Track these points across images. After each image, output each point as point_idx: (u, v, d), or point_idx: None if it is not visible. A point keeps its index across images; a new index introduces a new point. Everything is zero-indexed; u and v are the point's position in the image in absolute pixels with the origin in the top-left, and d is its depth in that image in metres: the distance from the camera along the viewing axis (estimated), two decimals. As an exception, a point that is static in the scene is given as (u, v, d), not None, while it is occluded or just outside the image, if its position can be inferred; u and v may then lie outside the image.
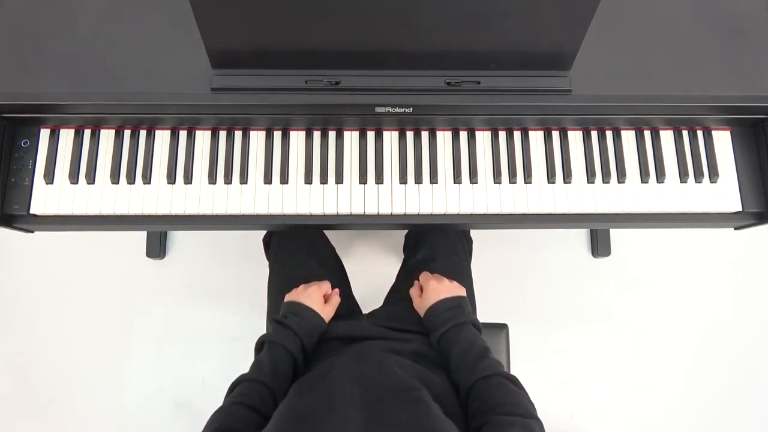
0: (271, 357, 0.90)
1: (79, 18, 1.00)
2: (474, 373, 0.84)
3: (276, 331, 0.95)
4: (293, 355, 0.92)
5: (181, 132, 1.04)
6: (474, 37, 0.91)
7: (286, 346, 0.91)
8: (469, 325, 0.94)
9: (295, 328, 0.94)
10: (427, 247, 1.20)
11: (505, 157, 1.04)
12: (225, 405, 0.82)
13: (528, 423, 0.74)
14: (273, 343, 0.92)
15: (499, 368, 0.85)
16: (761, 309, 1.83)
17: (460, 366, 0.88)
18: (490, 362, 0.86)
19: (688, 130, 1.06)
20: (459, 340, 0.91)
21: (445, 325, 0.94)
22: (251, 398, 0.82)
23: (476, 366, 0.85)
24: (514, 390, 0.81)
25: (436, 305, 0.97)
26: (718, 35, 1.02)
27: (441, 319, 0.95)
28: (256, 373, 0.88)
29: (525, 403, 0.78)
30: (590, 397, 1.76)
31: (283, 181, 1.02)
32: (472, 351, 0.88)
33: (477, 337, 0.92)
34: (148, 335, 1.77)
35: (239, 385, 0.86)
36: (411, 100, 0.96)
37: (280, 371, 0.89)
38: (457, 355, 0.89)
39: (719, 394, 1.77)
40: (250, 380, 0.86)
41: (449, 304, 0.97)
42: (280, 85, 0.95)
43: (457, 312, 0.95)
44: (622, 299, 1.82)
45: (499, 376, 0.83)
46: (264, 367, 0.89)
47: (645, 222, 1.05)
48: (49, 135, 1.02)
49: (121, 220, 1.02)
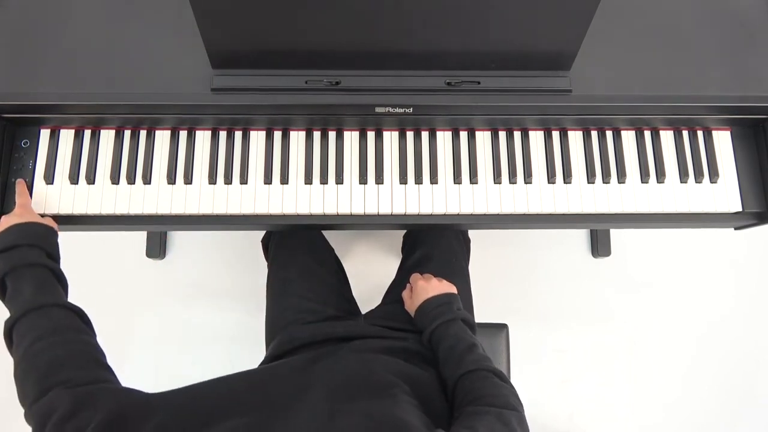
0: (23, 280, 0.78)
1: (79, 18, 1.00)
2: (459, 368, 0.84)
3: (4, 259, 0.81)
4: (46, 264, 0.82)
5: (181, 132, 1.04)
6: (474, 38, 0.91)
7: (28, 263, 0.80)
8: (458, 322, 0.93)
9: (22, 241, 0.83)
10: (425, 247, 1.20)
11: (505, 157, 1.04)
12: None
13: (503, 413, 0.71)
14: (14, 269, 0.79)
15: (484, 363, 0.84)
16: (761, 309, 1.83)
17: (447, 361, 0.87)
18: (475, 357, 0.86)
19: (688, 130, 1.06)
20: (447, 336, 0.91)
21: (434, 322, 0.93)
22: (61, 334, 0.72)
23: (462, 361, 0.85)
24: (498, 383, 0.80)
25: (424, 304, 0.97)
26: (718, 35, 1.02)
27: (430, 317, 0.95)
28: (23, 305, 0.75)
29: (507, 396, 0.77)
30: (590, 397, 1.76)
31: (283, 182, 1.02)
32: (459, 346, 0.88)
33: (465, 333, 0.92)
34: (147, 335, 1.77)
35: (18, 337, 0.73)
36: (411, 100, 0.96)
37: (45, 285, 0.79)
38: (445, 351, 0.89)
39: (719, 395, 1.77)
40: (24, 315, 0.74)
41: (437, 302, 0.97)
42: (280, 85, 0.95)
43: (446, 309, 0.95)
44: (622, 299, 1.82)
45: (483, 370, 0.82)
46: (25, 294, 0.77)
47: (645, 222, 1.05)
48: (49, 135, 1.02)
49: (121, 220, 1.02)
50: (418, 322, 0.98)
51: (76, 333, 0.75)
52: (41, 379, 0.68)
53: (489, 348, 1.23)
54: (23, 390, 0.69)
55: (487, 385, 0.79)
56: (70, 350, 0.72)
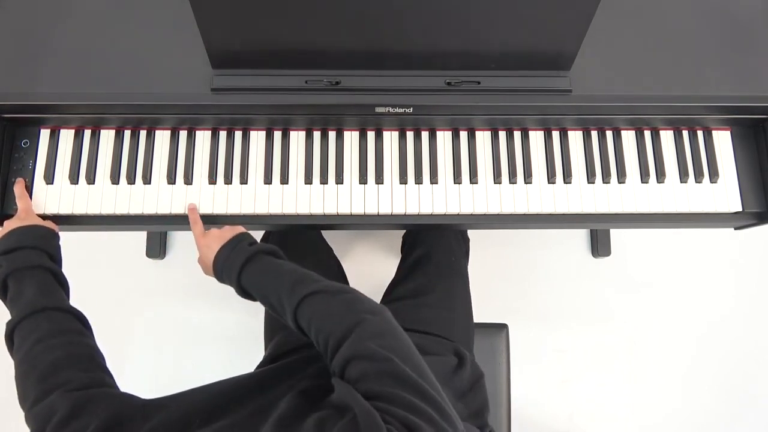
0: (25, 282, 0.78)
1: (79, 18, 1.00)
2: (288, 303, 0.74)
3: (7, 261, 0.81)
4: (48, 266, 0.81)
5: (181, 132, 1.04)
6: (474, 37, 0.91)
7: (30, 264, 0.80)
8: (259, 255, 0.82)
9: (24, 243, 0.82)
10: (424, 246, 1.20)
11: (505, 157, 1.04)
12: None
13: (361, 342, 0.64)
14: (17, 270, 0.79)
15: (315, 285, 0.73)
16: (761, 309, 1.83)
17: (274, 303, 0.76)
18: (297, 278, 0.75)
19: (688, 130, 1.06)
20: (256, 278, 0.79)
21: (233, 271, 0.82)
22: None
23: (282, 294, 0.75)
24: (334, 306, 0.70)
25: (215, 260, 0.86)
26: (718, 35, 1.02)
27: (228, 268, 0.83)
28: (25, 307, 0.75)
29: (353, 311, 0.68)
30: (590, 397, 1.76)
31: (283, 182, 1.02)
32: (272, 280, 0.77)
33: (271, 263, 0.81)
34: (147, 335, 1.77)
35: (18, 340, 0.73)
36: (411, 100, 0.96)
37: (47, 288, 0.78)
38: (262, 291, 0.78)
39: (719, 395, 1.77)
40: (27, 317, 0.74)
41: (227, 251, 0.85)
42: (280, 85, 0.95)
43: (238, 252, 0.83)
44: (622, 299, 1.82)
45: (313, 294, 0.72)
46: (27, 295, 0.76)
47: (645, 222, 1.05)
48: (49, 135, 1.02)
49: (121, 220, 1.02)
50: (218, 277, 0.87)
51: (76, 335, 0.76)
52: (41, 381, 0.68)
53: (489, 348, 1.23)
54: (23, 392, 0.70)
55: (330, 310, 0.70)
56: (69, 352, 0.72)
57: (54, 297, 0.79)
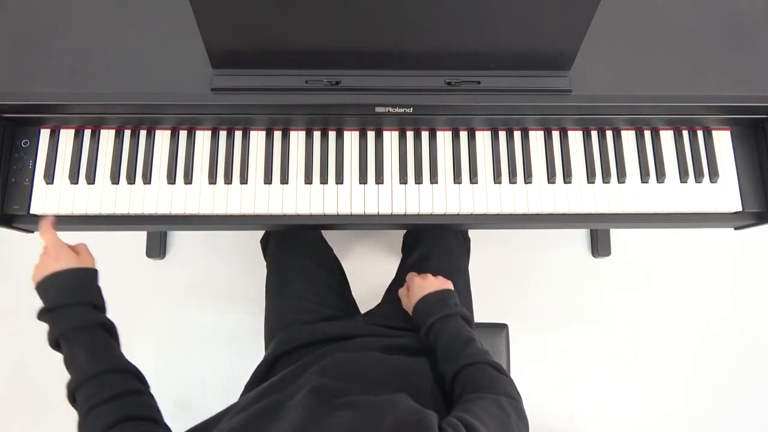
0: (76, 346, 0.77)
1: (79, 18, 1.00)
2: (458, 362, 0.84)
3: (53, 321, 0.79)
4: (94, 321, 0.80)
5: (181, 132, 1.04)
6: (474, 37, 0.91)
7: (76, 325, 0.78)
8: (455, 317, 0.94)
9: (66, 299, 0.79)
10: (424, 246, 1.20)
11: (505, 157, 1.04)
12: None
13: (499, 398, 0.73)
14: (64, 334, 0.77)
15: (482, 356, 0.85)
16: (761, 309, 1.83)
17: (446, 356, 0.88)
18: (474, 350, 0.86)
19: (688, 130, 1.06)
20: (445, 331, 0.91)
21: (431, 318, 0.94)
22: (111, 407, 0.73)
23: (460, 355, 0.86)
24: (496, 375, 0.81)
25: (421, 301, 0.98)
26: (718, 35, 1.02)
27: (427, 313, 0.95)
28: (80, 373, 0.75)
29: (504, 386, 0.78)
30: (590, 397, 1.76)
31: (283, 181, 1.02)
32: (458, 341, 0.88)
33: (463, 327, 0.92)
34: (147, 335, 1.77)
35: (80, 403, 0.74)
36: (411, 100, 0.96)
37: (98, 347, 0.78)
38: (443, 346, 0.89)
39: (719, 394, 1.77)
40: (82, 383, 0.75)
41: (434, 298, 0.97)
42: (280, 85, 0.95)
43: (442, 305, 0.95)
44: (622, 299, 1.82)
45: (482, 363, 0.83)
46: (80, 359, 0.76)
47: (645, 222, 1.05)
48: (49, 135, 1.02)
49: (121, 220, 1.02)
50: (416, 320, 0.98)
51: (134, 395, 0.76)
52: None
53: (489, 348, 1.21)
54: None
55: (485, 377, 0.80)
56: (127, 414, 0.73)
57: (106, 357, 0.78)
